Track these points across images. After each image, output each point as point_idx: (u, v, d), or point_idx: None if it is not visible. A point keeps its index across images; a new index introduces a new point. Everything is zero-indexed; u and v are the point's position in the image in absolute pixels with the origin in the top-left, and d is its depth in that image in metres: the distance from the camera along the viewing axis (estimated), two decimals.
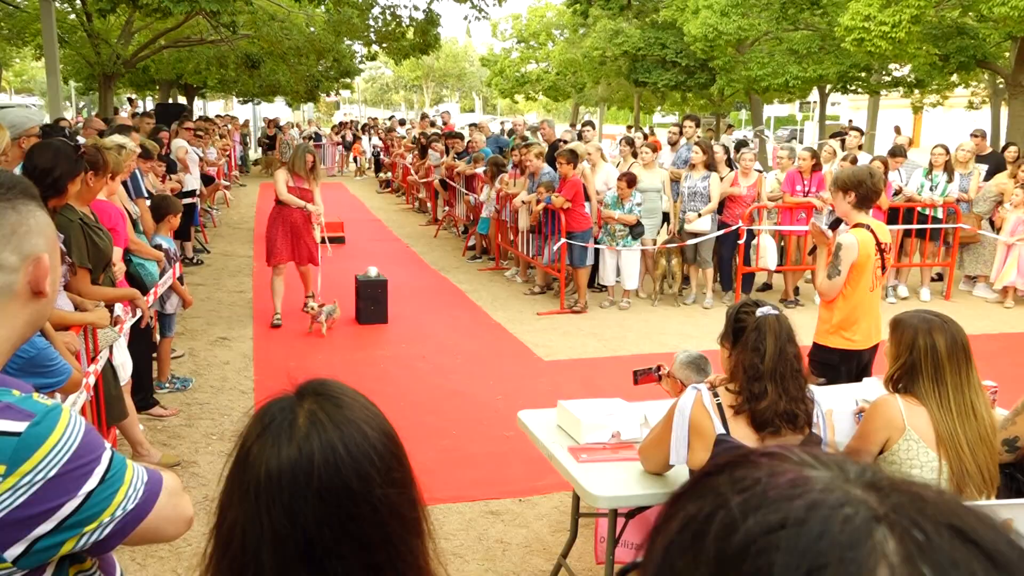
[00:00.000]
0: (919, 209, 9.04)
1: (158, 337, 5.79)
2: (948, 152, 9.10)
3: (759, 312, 2.63)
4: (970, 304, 8.86)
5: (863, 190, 4.18)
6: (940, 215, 9.06)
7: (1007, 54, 16.94)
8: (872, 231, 4.20)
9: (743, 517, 0.48)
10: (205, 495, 4.29)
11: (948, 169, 9.03)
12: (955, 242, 9.11)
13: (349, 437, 1.03)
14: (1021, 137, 14.57)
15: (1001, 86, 18.13)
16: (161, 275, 5.31)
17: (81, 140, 5.29)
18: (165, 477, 1.35)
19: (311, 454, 1.01)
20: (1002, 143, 13.63)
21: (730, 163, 8.92)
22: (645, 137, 13.16)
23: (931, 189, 9.05)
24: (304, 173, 7.53)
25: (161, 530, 1.32)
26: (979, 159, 9.87)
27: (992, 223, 9.28)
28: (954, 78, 20.19)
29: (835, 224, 7.99)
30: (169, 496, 1.33)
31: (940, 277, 9.69)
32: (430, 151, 14.03)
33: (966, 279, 9.61)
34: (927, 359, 2.68)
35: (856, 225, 4.23)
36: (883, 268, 4.29)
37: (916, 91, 21.87)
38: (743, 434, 2.60)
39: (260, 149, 24.65)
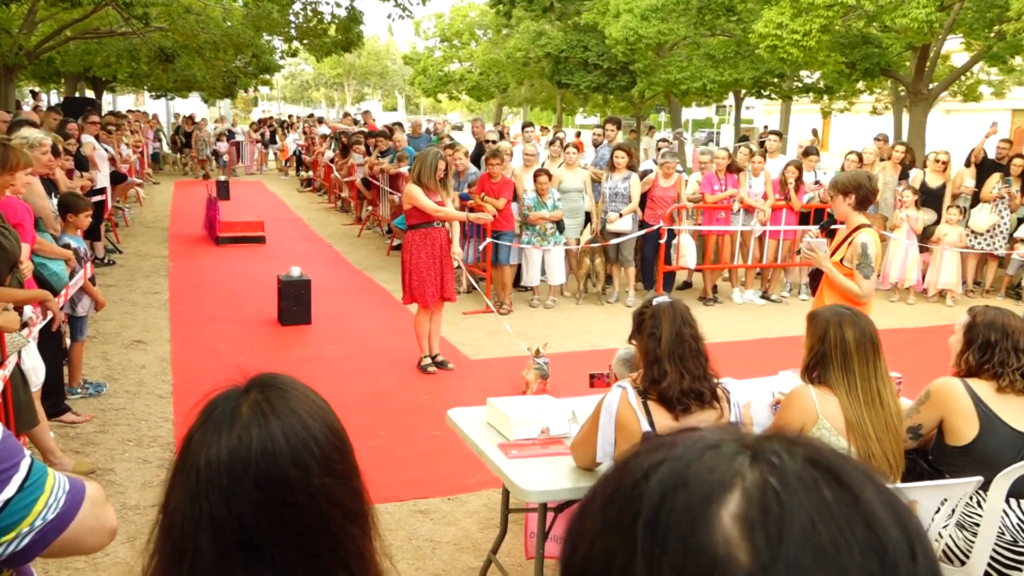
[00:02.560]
0: (828, 210, 9.44)
1: (68, 341, 5.56)
2: (861, 160, 9.56)
3: (654, 302, 2.80)
4: (875, 300, 9.29)
5: (863, 192, 4.30)
6: None
7: (908, 63, 17.84)
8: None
9: (638, 463, 0.57)
10: (123, 503, 4.15)
11: None
12: None
13: (289, 427, 1.05)
14: (921, 141, 15.37)
15: (903, 93, 19.06)
16: (71, 276, 5.09)
17: None
18: (88, 487, 1.31)
19: (249, 443, 1.02)
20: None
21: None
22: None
23: None
24: (435, 184, 6.33)
25: (83, 541, 1.29)
26: (881, 161, 10.40)
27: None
28: (860, 85, 21.09)
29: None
30: (92, 506, 1.29)
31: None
32: (352, 151, 13.85)
33: None
34: (836, 349, 2.82)
35: (859, 226, 4.31)
36: None
37: (825, 97, 22.77)
38: (663, 419, 2.69)
39: (173, 147, 23.80)
